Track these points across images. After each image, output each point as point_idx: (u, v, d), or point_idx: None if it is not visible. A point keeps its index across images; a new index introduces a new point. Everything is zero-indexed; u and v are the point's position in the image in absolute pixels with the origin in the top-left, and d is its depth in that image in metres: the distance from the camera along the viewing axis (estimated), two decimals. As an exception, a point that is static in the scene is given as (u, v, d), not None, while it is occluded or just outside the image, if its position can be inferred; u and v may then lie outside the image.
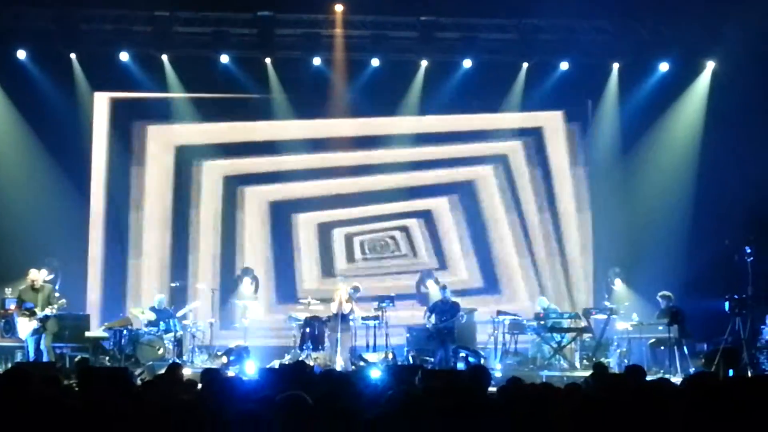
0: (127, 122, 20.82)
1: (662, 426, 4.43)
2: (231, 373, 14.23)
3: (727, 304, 16.47)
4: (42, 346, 16.28)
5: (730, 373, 14.61)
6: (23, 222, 19.05)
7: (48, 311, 16.31)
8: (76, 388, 8.80)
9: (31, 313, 16.26)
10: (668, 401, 5.80)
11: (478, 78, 20.33)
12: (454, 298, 18.41)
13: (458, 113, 21.03)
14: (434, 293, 18.86)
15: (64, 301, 16.70)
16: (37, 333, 16.28)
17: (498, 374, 14.84)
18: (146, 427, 5.02)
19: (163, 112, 20.66)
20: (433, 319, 17.96)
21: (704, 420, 4.09)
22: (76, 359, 15.98)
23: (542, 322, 18.00)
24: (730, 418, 4.02)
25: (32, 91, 19.63)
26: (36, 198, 19.42)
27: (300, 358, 16.49)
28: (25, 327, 16.36)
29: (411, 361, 17.52)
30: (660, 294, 17.66)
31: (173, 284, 19.52)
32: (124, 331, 17.52)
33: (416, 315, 19.19)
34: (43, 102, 19.62)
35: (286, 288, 20.60)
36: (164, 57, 20.08)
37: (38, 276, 16.67)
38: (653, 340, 17.46)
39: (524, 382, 7.80)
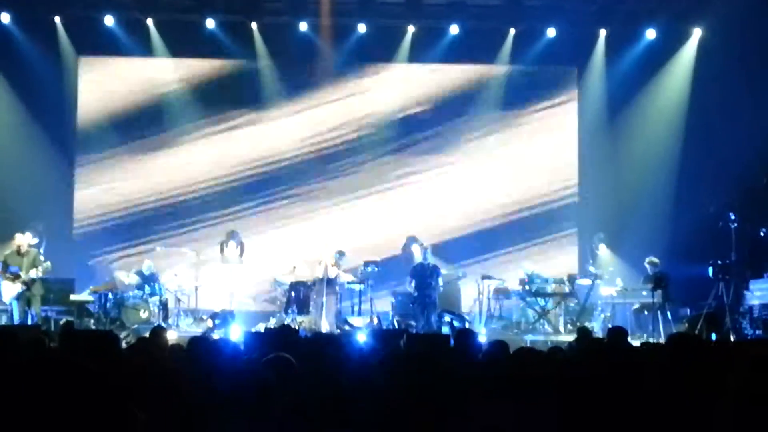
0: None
1: (642, 387, 4.50)
2: (216, 336, 14.25)
3: (710, 269, 16.57)
4: (33, 311, 16.29)
5: (713, 337, 14.74)
6: (8, 186, 19.06)
7: (33, 274, 16.28)
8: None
9: (16, 277, 16.24)
10: (649, 363, 5.86)
11: (464, 44, 20.31)
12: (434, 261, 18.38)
13: (442, 85, 21.01)
14: (419, 258, 18.83)
15: (49, 264, 16.61)
16: (22, 296, 16.27)
17: (483, 338, 14.89)
18: (131, 391, 5.02)
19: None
20: (413, 284, 17.92)
21: (683, 379, 4.15)
22: (61, 322, 15.99)
23: (527, 287, 18.07)
24: (710, 379, 4.08)
25: (16, 55, 19.58)
26: (21, 162, 19.38)
27: (285, 322, 16.52)
28: (9, 290, 16.36)
29: (396, 326, 17.55)
30: (647, 260, 17.71)
31: (158, 248, 19.47)
32: (110, 295, 17.56)
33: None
34: (27, 66, 19.58)
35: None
36: (149, 21, 19.96)
37: (24, 240, 16.60)
38: (637, 305, 17.55)
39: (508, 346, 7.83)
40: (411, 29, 20.30)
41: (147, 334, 10.00)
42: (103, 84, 20.67)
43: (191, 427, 5.06)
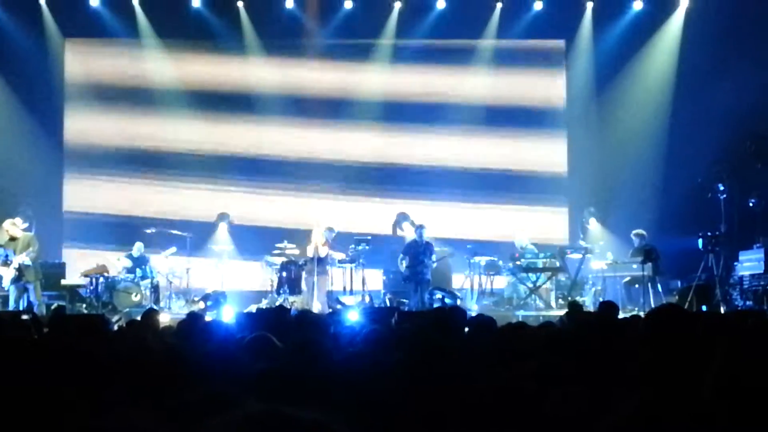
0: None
1: (631, 358, 4.51)
2: (208, 318, 14.24)
3: (700, 241, 16.59)
4: (32, 298, 16.24)
5: (704, 309, 14.80)
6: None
7: (19, 260, 16.23)
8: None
9: (8, 263, 16.22)
10: (638, 335, 5.87)
11: (451, 19, 20.25)
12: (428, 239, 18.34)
13: (431, 58, 20.98)
14: (410, 236, 18.81)
15: (31, 247, 16.50)
16: (17, 282, 16.24)
17: (474, 314, 14.90)
18: (120, 371, 5.01)
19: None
20: (406, 262, 17.85)
21: (667, 349, 4.16)
22: (53, 307, 15.98)
23: (518, 263, 18.06)
24: (694, 348, 4.09)
25: (2, 37, 19.48)
26: (8, 147, 19.31)
27: (277, 303, 16.52)
28: (6, 275, 16.35)
29: (387, 304, 17.55)
30: (634, 232, 17.79)
31: (148, 230, 19.35)
32: (101, 279, 17.54)
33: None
34: (12, 48, 19.50)
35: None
36: (135, 1, 19.91)
37: (11, 227, 16.52)
38: (628, 278, 17.57)
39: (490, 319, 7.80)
40: (398, 5, 20.26)
41: (139, 318, 10.00)
42: (90, 65, 20.63)
43: (179, 411, 5.05)
